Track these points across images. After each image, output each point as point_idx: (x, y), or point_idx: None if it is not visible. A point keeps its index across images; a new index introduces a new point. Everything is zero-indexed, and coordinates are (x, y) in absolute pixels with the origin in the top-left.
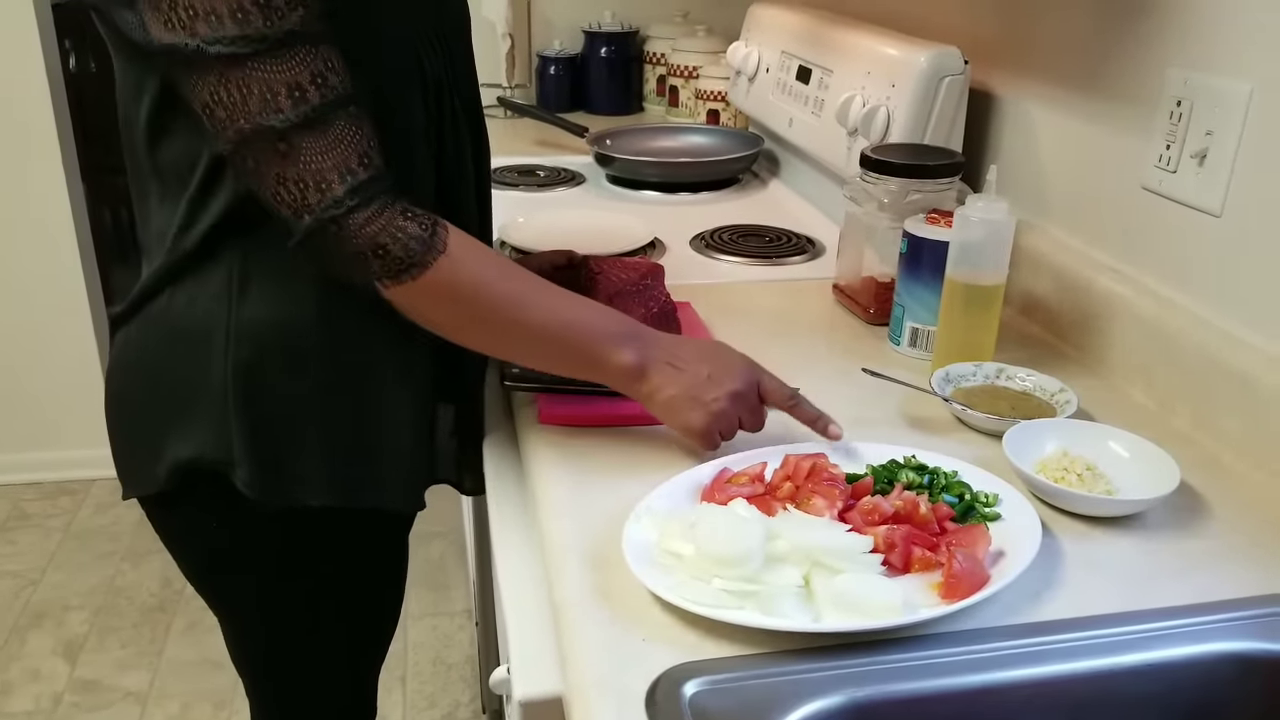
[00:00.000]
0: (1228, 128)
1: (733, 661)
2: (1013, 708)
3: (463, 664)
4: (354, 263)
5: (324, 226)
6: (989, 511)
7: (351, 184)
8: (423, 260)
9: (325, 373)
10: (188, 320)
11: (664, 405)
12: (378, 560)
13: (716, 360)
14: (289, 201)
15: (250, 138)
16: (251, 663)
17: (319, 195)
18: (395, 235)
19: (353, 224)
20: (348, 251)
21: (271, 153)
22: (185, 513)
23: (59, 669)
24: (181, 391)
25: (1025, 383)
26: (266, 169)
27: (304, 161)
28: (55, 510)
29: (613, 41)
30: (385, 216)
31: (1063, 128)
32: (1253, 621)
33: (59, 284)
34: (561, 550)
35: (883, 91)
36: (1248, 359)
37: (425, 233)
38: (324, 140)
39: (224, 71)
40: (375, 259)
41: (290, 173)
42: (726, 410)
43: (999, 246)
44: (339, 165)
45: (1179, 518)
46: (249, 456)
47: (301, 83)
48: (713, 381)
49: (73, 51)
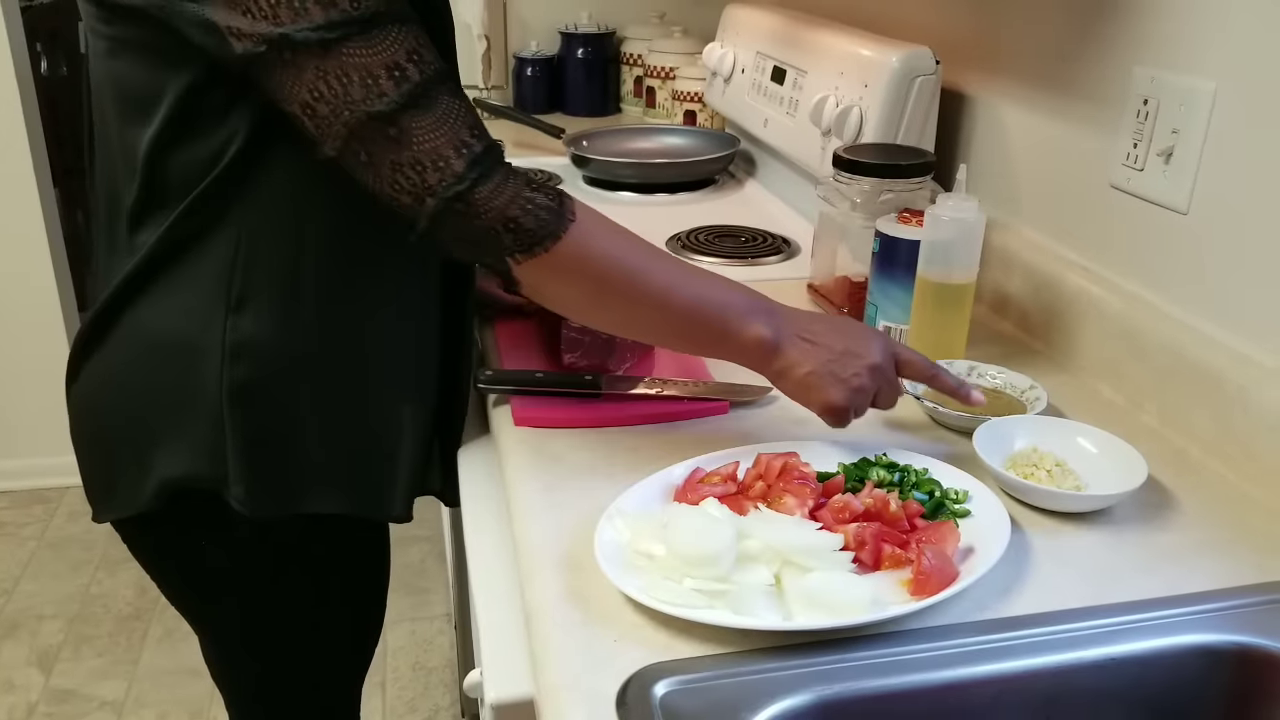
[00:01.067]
0: (1193, 126)
1: (703, 661)
2: (981, 703)
3: (443, 668)
4: (485, 241)
5: (449, 206)
6: (959, 508)
7: (470, 157)
8: (555, 231)
9: (323, 388)
10: (172, 332)
11: (799, 382)
12: (362, 572)
13: (852, 334)
14: (409, 188)
15: (358, 129)
16: (232, 677)
17: (438, 174)
18: (525, 206)
19: (479, 198)
20: (478, 229)
21: (383, 140)
22: (165, 533)
23: (33, 679)
24: (168, 406)
25: (996, 380)
26: (381, 158)
27: (417, 142)
28: (29, 519)
29: (589, 43)
30: (511, 187)
31: (1032, 127)
32: (1219, 614)
33: (31, 289)
34: (534, 552)
35: (856, 92)
36: (1215, 355)
37: (554, 202)
38: (432, 117)
39: (320, 63)
40: (507, 233)
41: (405, 157)
42: (865, 386)
43: (969, 245)
44: (453, 140)
45: (1147, 513)
46: (244, 475)
47: (399, 62)
48: (850, 356)
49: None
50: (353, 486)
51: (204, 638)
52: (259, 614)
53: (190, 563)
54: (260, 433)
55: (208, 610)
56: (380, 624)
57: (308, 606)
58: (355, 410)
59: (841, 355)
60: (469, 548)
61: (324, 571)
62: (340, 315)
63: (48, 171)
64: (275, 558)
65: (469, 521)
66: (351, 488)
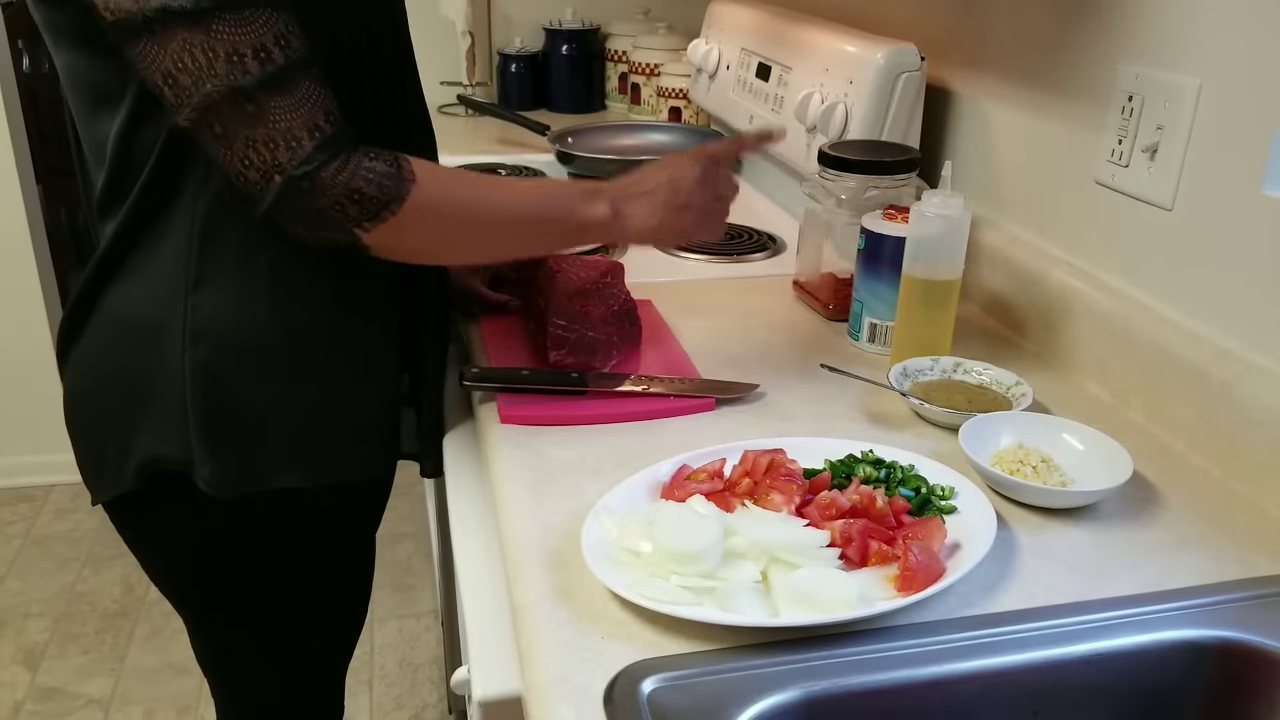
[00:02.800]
0: (1178, 122)
1: (690, 658)
2: (967, 699)
3: (429, 665)
4: (331, 214)
5: (296, 184)
6: (945, 504)
7: (320, 140)
8: (398, 194)
9: (284, 365)
10: (140, 314)
11: (655, 230)
12: (346, 555)
13: (667, 165)
14: (258, 163)
15: (218, 101)
16: (218, 664)
17: (290, 153)
18: (367, 177)
19: (324, 176)
20: (324, 204)
21: (240, 115)
22: (153, 514)
23: (19, 677)
24: (141, 387)
25: (982, 376)
26: (235, 132)
27: (273, 121)
28: (14, 517)
29: (574, 39)
30: (353, 163)
31: (1017, 123)
32: (1204, 609)
33: (15, 287)
34: (521, 549)
35: (841, 88)
36: (1200, 351)
37: (392, 168)
38: (291, 99)
39: (189, 35)
40: (352, 204)
41: (259, 133)
42: (702, 199)
43: (955, 242)
44: (307, 123)
45: (1132, 508)
46: (208, 456)
47: (266, 44)
48: (676, 183)
49: (25, 52)
50: (312, 462)
51: (190, 624)
52: (242, 599)
53: (173, 544)
54: (221, 413)
55: (193, 595)
56: (364, 611)
57: (289, 591)
58: (316, 383)
59: (669, 187)
60: (455, 545)
61: (305, 554)
62: (295, 296)
63: (30, 169)
64: (255, 539)
65: (455, 519)
66: (311, 463)
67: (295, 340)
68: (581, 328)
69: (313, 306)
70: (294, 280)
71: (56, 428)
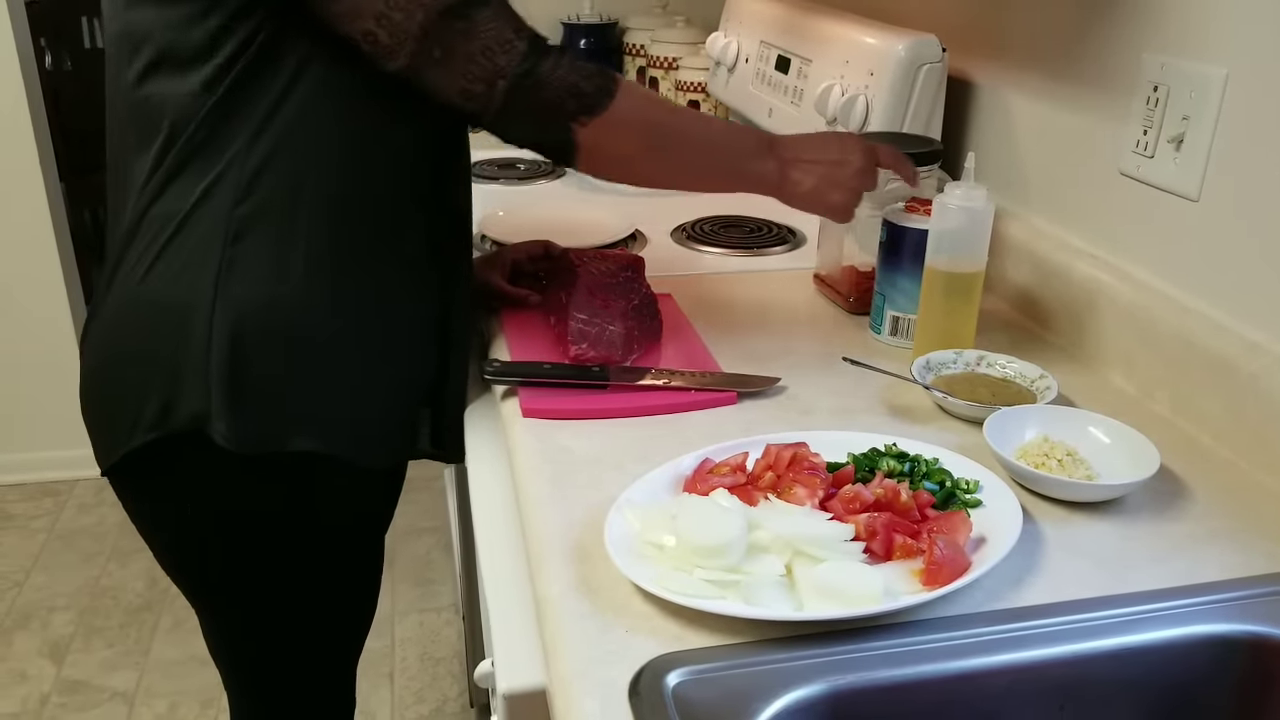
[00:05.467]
0: (1204, 112)
1: (715, 651)
2: (994, 693)
3: (450, 659)
4: (554, 108)
5: (520, 83)
6: (970, 498)
7: (529, 37)
8: (610, 89)
9: (309, 345)
10: (170, 295)
11: (806, 196)
12: (355, 546)
13: (835, 144)
14: (481, 75)
15: (432, 26)
16: (229, 652)
17: (507, 56)
18: (582, 73)
19: (544, 71)
20: (547, 99)
21: (455, 34)
22: (159, 485)
23: (45, 670)
24: (160, 359)
25: (1006, 369)
26: (455, 49)
27: (484, 31)
28: (39, 511)
29: (592, 33)
30: (566, 60)
31: (1040, 114)
32: (1233, 604)
33: (39, 285)
34: (544, 543)
35: (861, 80)
36: (1226, 343)
37: (599, 68)
38: (490, 8)
39: None
40: (571, 99)
41: (476, 45)
42: (856, 186)
43: (978, 234)
44: (513, 25)
45: (1159, 502)
46: (227, 410)
47: None
48: (841, 165)
49: (48, 49)
50: (330, 429)
51: (199, 608)
52: (247, 579)
53: (181, 518)
54: (244, 368)
55: (200, 574)
56: (374, 601)
57: (297, 578)
58: (336, 357)
59: (834, 165)
60: (478, 539)
61: (314, 539)
62: (324, 273)
63: (54, 167)
64: (261, 516)
65: (477, 513)
66: (329, 430)
67: (320, 317)
68: (602, 322)
69: (337, 283)
70: (337, 259)
71: (79, 423)
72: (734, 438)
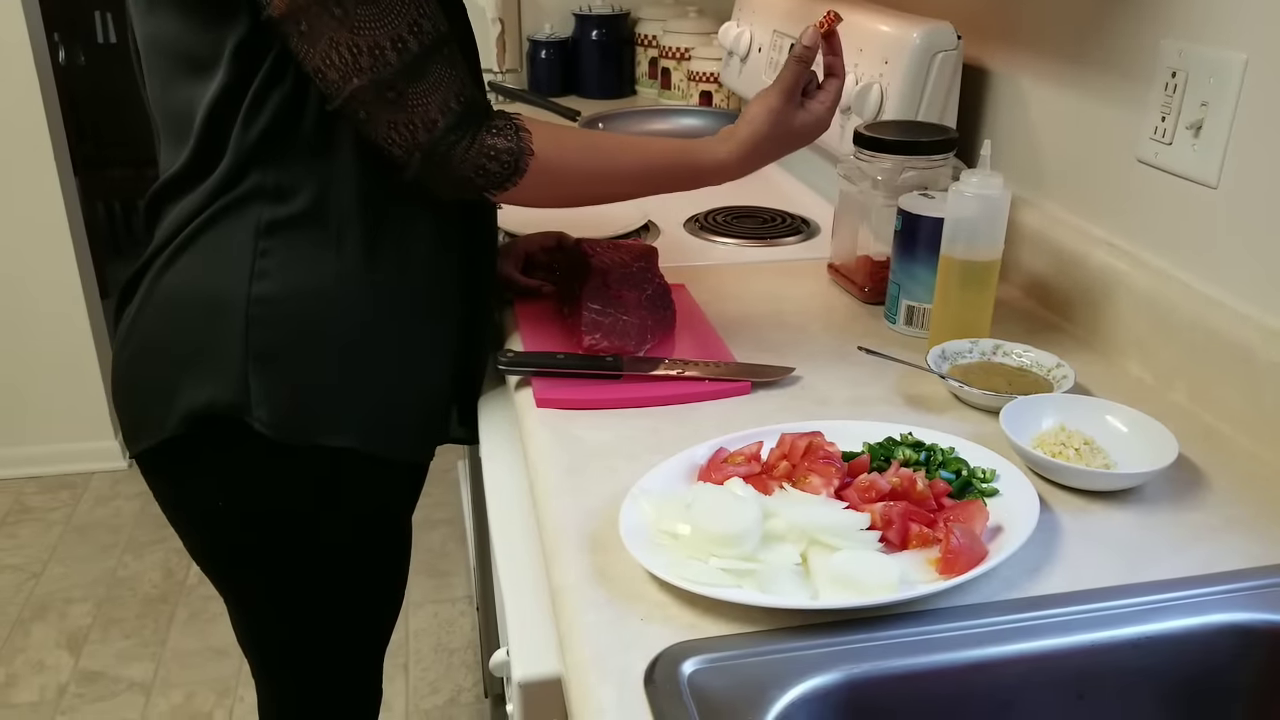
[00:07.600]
0: (1223, 98)
1: (730, 640)
2: (1011, 682)
3: (465, 649)
4: (464, 183)
5: (431, 159)
6: (986, 487)
7: (452, 120)
8: (517, 167)
9: (344, 341)
10: (205, 288)
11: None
12: (383, 533)
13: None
14: (400, 142)
15: (362, 93)
16: (258, 643)
17: (427, 134)
18: (490, 154)
19: (456, 154)
20: (457, 175)
21: (383, 102)
22: (191, 472)
23: (63, 661)
24: (198, 348)
25: (1022, 358)
26: (379, 117)
27: (411, 106)
28: (56, 503)
29: (603, 24)
30: (479, 142)
31: (1057, 101)
32: (1252, 592)
33: (54, 278)
34: (559, 532)
35: (875, 68)
36: (1245, 331)
37: (512, 144)
38: (426, 84)
39: (334, 35)
40: (479, 178)
41: (400, 117)
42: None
43: (994, 222)
44: (441, 105)
45: (1177, 491)
46: (266, 397)
47: (402, 34)
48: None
49: (62, 45)
50: (366, 424)
51: (229, 600)
52: (282, 568)
53: (214, 508)
54: (282, 355)
55: (232, 565)
56: (402, 589)
57: (327, 566)
58: (372, 353)
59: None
60: (493, 529)
61: (343, 527)
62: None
63: (68, 161)
64: (293, 506)
65: (492, 503)
66: (365, 425)
67: (355, 313)
68: (616, 312)
69: (374, 281)
70: (376, 253)
71: (96, 416)
72: (748, 427)
